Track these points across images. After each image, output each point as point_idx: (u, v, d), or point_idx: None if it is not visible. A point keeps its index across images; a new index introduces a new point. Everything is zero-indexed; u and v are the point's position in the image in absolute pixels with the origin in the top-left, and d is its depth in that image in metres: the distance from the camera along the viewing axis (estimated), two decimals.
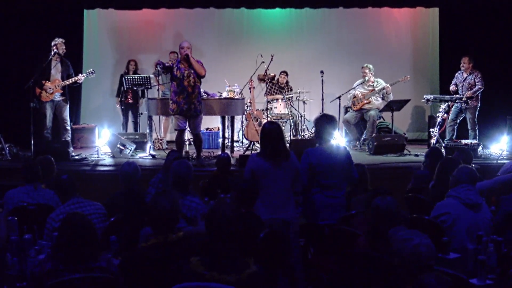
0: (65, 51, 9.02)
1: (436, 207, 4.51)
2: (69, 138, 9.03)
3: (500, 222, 4.46)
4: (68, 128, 9.16)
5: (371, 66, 9.96)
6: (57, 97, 8.94)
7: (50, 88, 8.78)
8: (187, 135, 9.70)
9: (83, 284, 3.16)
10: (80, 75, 9.05)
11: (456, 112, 9.55)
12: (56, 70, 8.89)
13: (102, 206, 4.55)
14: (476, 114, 9.46)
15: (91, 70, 9.12)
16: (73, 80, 8.90)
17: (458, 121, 9.63)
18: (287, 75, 10.79)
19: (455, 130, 9.62)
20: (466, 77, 9.45)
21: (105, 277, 3.27)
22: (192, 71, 7.62)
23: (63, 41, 9.00)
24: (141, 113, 10.12)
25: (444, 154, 6.04)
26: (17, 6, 10.15)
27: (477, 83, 9.31)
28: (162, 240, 3.35)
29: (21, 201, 4.89)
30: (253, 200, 4.31)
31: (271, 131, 4.72)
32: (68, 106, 9.13)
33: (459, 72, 9.60)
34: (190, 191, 4.65)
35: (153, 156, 8.68)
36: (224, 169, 6.18)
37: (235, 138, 9.84)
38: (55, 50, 8.82)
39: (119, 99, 10.35)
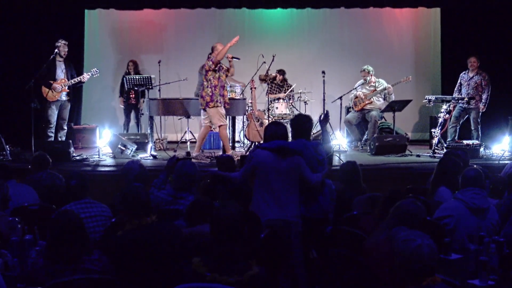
0: (67, 53, 9.12)
1: (440, 209, 4.46)
2: (64, 138, 9.20)
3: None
4: (65, 128, 9.34)
5: (370, 68, 9.93)
6: (63, 96, 9.10)
7: (58, 87, 8.89)
8: (188, 136, 9.71)
9: (83, 285, 3.15)
10: (85, 74, 9.22)
11: (459, 112, 9.54)
12: (61, 71, 9.05)
13: (109, 208, 4.53)
14: (480, 114, 9.45)
15: (96, 69, 9.22)
16: (78, 79, 9.07)
17: (461, 122, 9.63)
18: (282, 73, 10.70)
19: (458, 131, 9.61)
20: (473, 76, 9.44)
21: (105, 279, 3.26)
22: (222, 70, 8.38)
23: (66, 43, 9.11)
24: (142, 114, 10.10)
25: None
26: (18, 6, 10.13)
27: (484, 89, 9.34)
28: (136, 224, 3.52)
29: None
30: (247, 199, 4.28)
31: (277, 131, 4.74)
32: (69, 106, 9.33)
33: (464, 72, 9.60)
34: (194, 191, 4.64)
35: (154, 157, 8.67)
36: (224, 169, 6.06)
37: (237, 138, 9.84)
38: (57, 51, 8.91)
39: (122, 99, 10.36)
